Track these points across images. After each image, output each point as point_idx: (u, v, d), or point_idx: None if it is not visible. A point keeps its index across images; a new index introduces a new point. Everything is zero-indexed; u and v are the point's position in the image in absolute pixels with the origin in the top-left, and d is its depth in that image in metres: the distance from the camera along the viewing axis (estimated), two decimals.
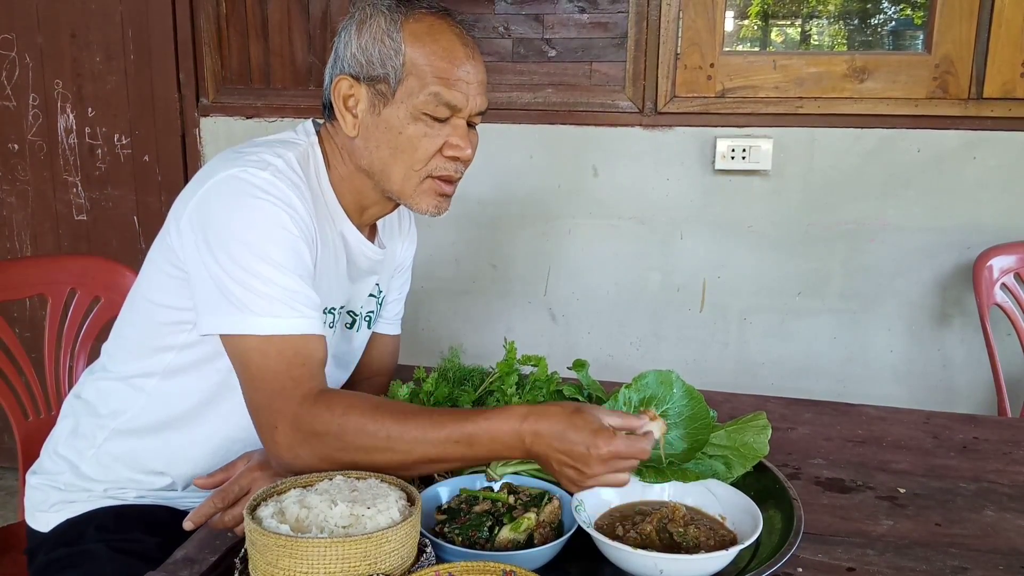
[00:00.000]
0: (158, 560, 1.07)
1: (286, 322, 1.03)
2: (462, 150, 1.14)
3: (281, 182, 1.08)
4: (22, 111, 2.59)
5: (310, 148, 1.18)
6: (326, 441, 1.00)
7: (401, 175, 1.15)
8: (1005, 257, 2.03)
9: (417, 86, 1.10)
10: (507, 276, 2.41)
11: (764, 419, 1.11)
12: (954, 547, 1.00)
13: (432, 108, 1.11)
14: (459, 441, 0.98)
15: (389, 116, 1.12)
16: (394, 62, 1.10)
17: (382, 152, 1.14)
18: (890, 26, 2.49)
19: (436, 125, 1.12)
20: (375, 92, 1.12)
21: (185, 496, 1.24)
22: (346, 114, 1.14)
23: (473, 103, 1.14)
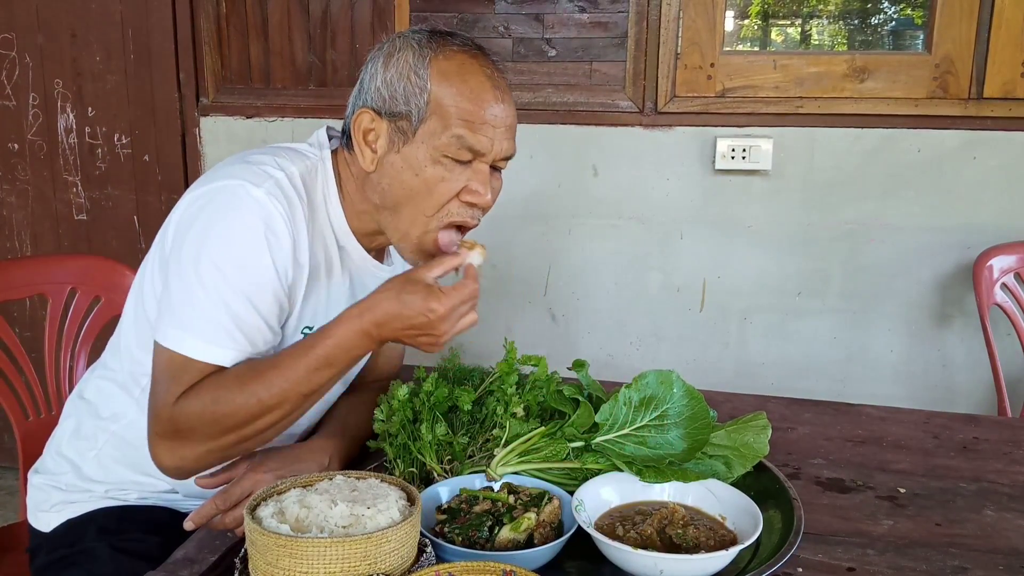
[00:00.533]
0: (159, 560, 1.07)
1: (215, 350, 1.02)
2: (481, 196, 1.10)
3: (273, 201, 1.05)
4: (22, 111, 2.59)
5: (320, 163, 1.16)
6: (202, 431, 1.01)
7: (410, 219, 1.11)
8: (1005, 257, 2.03)
9: (440, 127, 1.06)
10: (507, 276, 2.41)
11: (764, 419, 1.11)
12: (954, 547, 1.00)
13: (454, 151, 1.07)
14: (319, 367, 1.01)
15: (408, 155, 1.08)
16: (418, 100, 1.06)
17: (395, 191, 1.10)
18: (890, 26, 2.49)
19: (457, 168, 1.08)
20: (396, 129, 1.08)
21: (187, 499, 1.24)
22: (365, 148, 1.11)
23: (499, 148, 1.10)
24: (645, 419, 1.07)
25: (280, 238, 1.06)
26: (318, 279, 1.15)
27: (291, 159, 1.13)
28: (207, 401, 1.01)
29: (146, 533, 1.18)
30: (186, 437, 1.02)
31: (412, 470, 1.10)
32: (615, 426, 1.07)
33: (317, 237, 1.14)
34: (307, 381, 1.02)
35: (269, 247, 1.05)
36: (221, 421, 1.01)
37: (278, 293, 1.08)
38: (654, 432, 1.07)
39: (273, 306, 1.08)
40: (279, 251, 1.06)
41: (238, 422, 1.01)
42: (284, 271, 1.08)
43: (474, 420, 1.16)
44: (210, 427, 1.01)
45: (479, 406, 1.17)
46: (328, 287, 1.18)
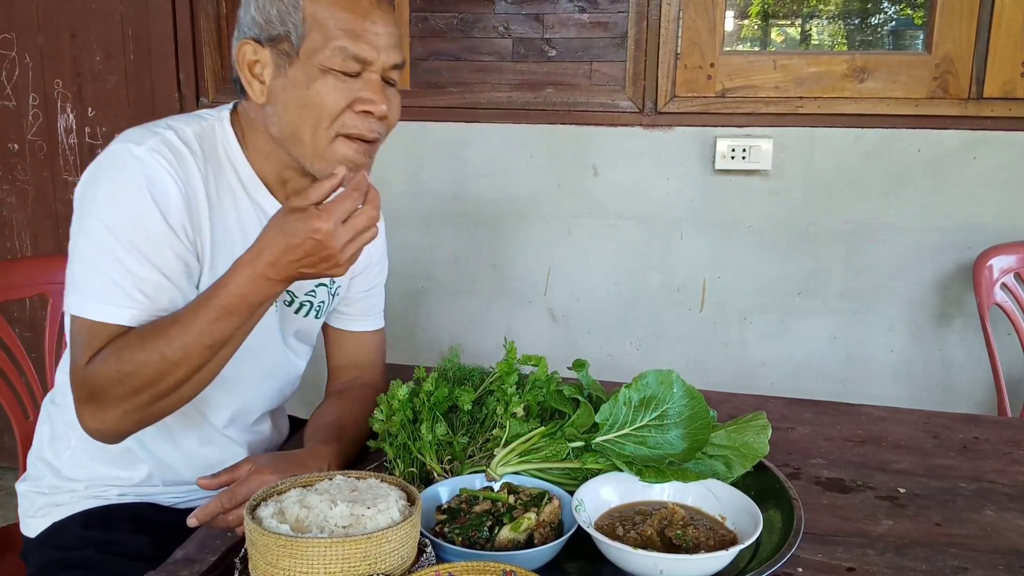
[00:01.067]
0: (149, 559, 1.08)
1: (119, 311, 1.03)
2: (375, 104, 1.08)
3: (156, 157, 1.05)
4: (22, 111, 2.60)
5: (217, 123, 1.16)
6: (114, 392, 1.02)
7: (310, 134, 1.09)
8: (1005, 257, 2.03)
9: (321, 41, 1.05)
10: (507, 276, 2.41)
11: (764, 419, 1.11)
12: (954, 547, 1.00)
13: (339, 63, 1.06)
14: (219, 317, 1.01)
15: (295, 75, 1.07)
16: (293, 18, 1.05)
17: (291, 114, 1.09)
18: (890, 26, 2.49)
19: (346, 80, 1.07)
20: (278, 53, 1.08)
21: (167, 491, 1.25)
22: (253, 81, 1.10)
23: (385, 56, 1.08)
24: (645, 419, 1.07)
25: (167, 192, 1.05)
26: (229, 234, 1.14)
27: (185, 121, 1.14)
28: (112, 362, 1.02)
29: (132, 532, 1.19)
30: (100, 399, 1.03)
31: (412, 470, 1.10)
32: (615, 426, 1.07)
33: (224, 194, 1.13)
34: (208, 332, 1.01)
35: (155, 201, 1.04)
36: (128, 380, 1.01)
37: (176, 247, 1.07)
38: (654, 432, 1.07)
39: (174, 261, 1.07)
40: (167, 204, 1.05)
41: (146, 380, 1.02)
42: (181, 226, 1.07)
43: (474, 420, 1.16)
44: (119, 387, 1.02)
45: (479, 406, 1.17)
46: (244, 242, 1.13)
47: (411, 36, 2.33)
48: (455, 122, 2.34)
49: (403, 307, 2.48)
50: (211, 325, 1.01)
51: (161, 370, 1.02)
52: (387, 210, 2.58)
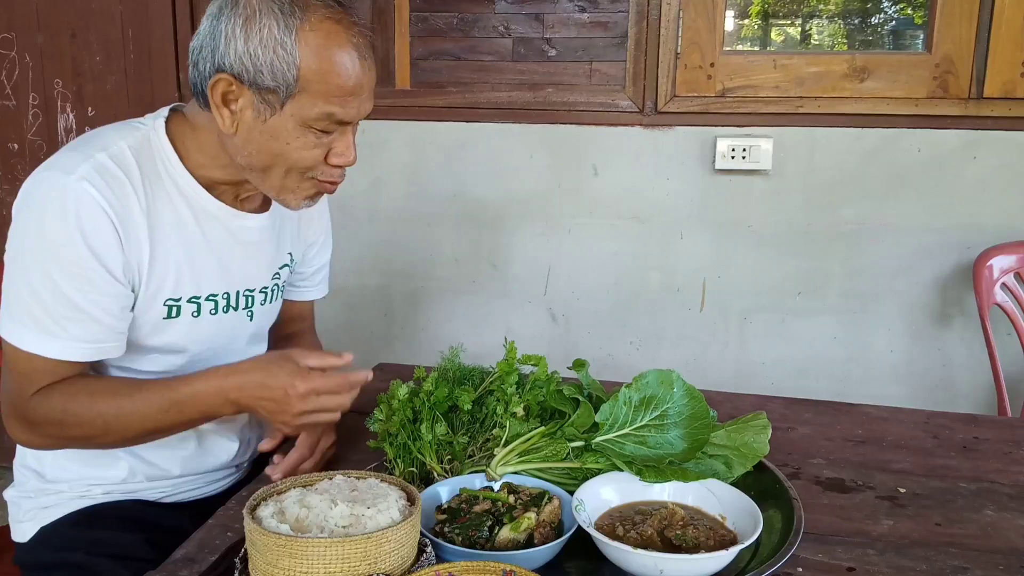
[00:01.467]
0: (139, 557, 1.08)
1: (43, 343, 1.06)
2: (347, 158, 1.11)
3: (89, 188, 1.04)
4: (22, 110, 2.60)
5: (152, 132, 1.13)
6: (48, 429, 1.09)
7: (280, 179, 1.11)
8: (1005, 257, 2.03)
9: (308, 103, 1.05)
10: (507, 276, 2.41)
11: (764, 419, 1.11)
12: (954, 547, 1.00)
13: (323, 125, 1.07)
14: (168, 409, 1.08)
15: (275, 126, 1.06)
16: (286, 76, 1.03)
17: (263, 157, 1.09)
18: (890, 26, 2.49)
19: (323, 136, 1.09)
20: (262, 100, 1.05)
21: (152, 487, 1.25)
22: (223, 110, 1.07)
23: (363, 111, 1.11)
24: (645, 419, 1.07)
25: (99, 227, 1.04)
26: (170, 250, 1.13)
27: (121, 134, 1.12)
28: (57, 409, 1.07)
29: (121, 531, 1.19)
30: (34, 429, 1.10)
31: (412, 470, 1.10)
32: (615, 426, 1.07)
33: (163, 208, 1.12)
34: (153, 419, 1.08)
35: (85, 239, 1.04)
36: (65, 428, 1.09)
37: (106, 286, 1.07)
38: (654, 432, 1.07)
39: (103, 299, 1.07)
40: (98, 240, 1.05)
41: (82, 433, 1.09)
42: (113, 260, 1.06)
43: (474, 420, 1.16)
44: (57, 429, 1.09)
45: (479, 406, 1.17)
46: (188, 254, 1.15)
47: (411, 36, 2.33)
48: (455, 122, 2.34)
49: (403, 307, 2.48)
50: (158, 413, 1.08)
51: (98, 432, 1.09)
52: (387, 210, 2.58)
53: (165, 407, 1.07)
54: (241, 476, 1.37)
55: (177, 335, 1.17)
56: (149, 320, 1.14)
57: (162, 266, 1.13)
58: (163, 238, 1.12)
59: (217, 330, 1.21)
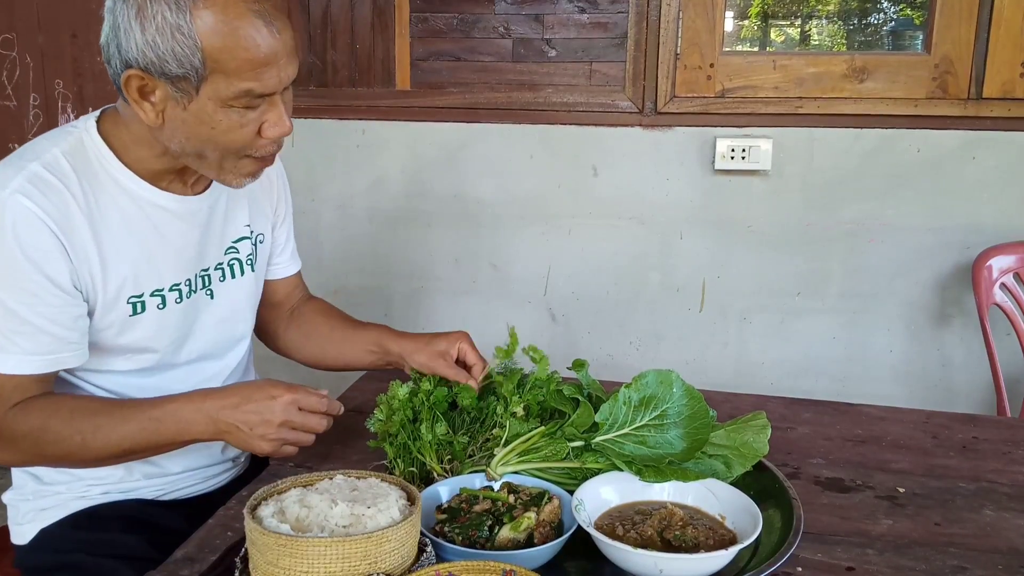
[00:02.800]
0: (139, 557, 1.08)
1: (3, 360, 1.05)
2: (282, 127, 1.07)
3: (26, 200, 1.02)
4: (23, 111, 2.60)
5: (85, 134, 1.11)
6: (24, 446, 1.07)
7: (217, 162, 1.08)
8: (1004, 257, 2.03)
9: (223, 83, 1.01)
10: (507, 276, 2.41)
11: (764, 419, 1.11)
12: (953, 547, 1.00)
13: (244, 102, 1.03)
14: (146, 427, 1.07)
15: (197, 111, 1.03)
16: (192, 61, 0.99)
17: (194, 142, 1.06)
18: (890, 26, 2.49)
19: (250, 111, 1.04)
20: (176, 88, 1.01)
21: (150, 484, 1.25)
22: (144, 104, 1.04)
23: (284, 77, 1.04)
24: (645, 419, 1.07)
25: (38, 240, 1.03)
26: (122, 248, 1.12)
27: (53, 141, 1.10)
28: (35, 426, 1.06)
29: (120, 531, 1.19)
30: (9, 444, 1.08)
31: (412, 470, 1.10)
32: (615, 426, 1.07)
33: (107, 208, 1.10)
34: (131, 437, 1.07)
35: (26, 254, 1.02)
36: (43, 447, 1.07)
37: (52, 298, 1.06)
38: (654, 432, 1.07)
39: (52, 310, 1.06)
40: (39, 254, 1.03)
41: (59, 451, 1.08)
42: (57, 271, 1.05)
43: (474, 419, 1.16)
44: (33, 445, 1.07)
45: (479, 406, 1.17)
46: (143, 248, 1.14)
47: (411, 36, 2.33)
48: (455, 122, 2.34)
49: (403, 307, 2.49)
50: (135, 432, 1.07)
51: (75, 448, 1.07)
52: (387, 210, 2.58)
53: (143, 424, 1.07)
54: (239, 472, 1.37)
55: (145, 329, 1.17)
56: (115, 321, 1.13)
57: (117, 266, 1.11)
58: (112, 239, 1.10)
59: (183, 317, 1.21)
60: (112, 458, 1.11)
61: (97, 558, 1.15)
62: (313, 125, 2.39)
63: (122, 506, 1.23)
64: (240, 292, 1.30)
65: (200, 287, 1.23)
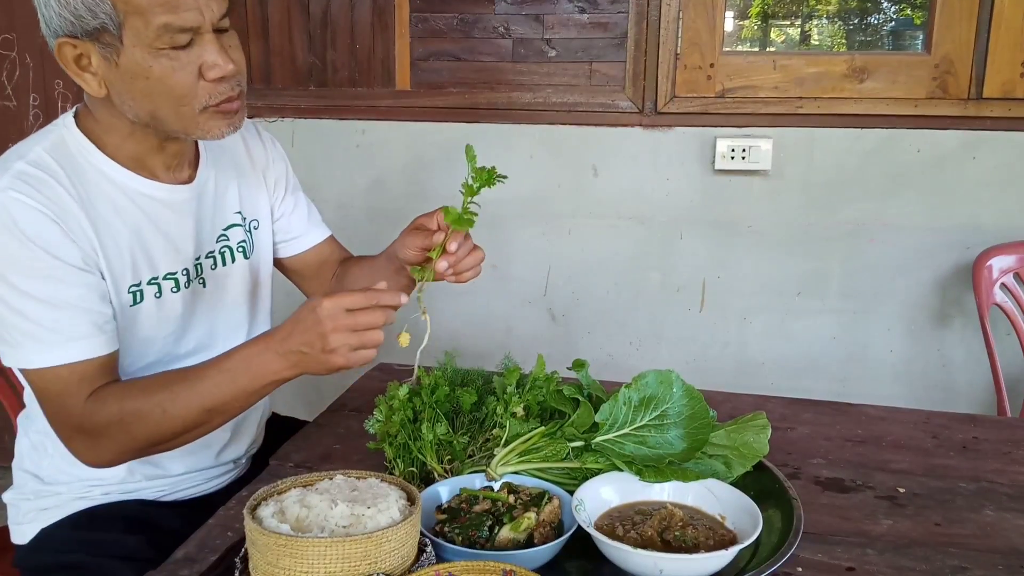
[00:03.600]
0: (139, 558, 1.08)
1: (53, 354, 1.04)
2: (221, 67, 1.04)
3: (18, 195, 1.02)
4: (23, 111, 2.60)
5: (64, 130, 1.11)
6: (112, 434, 1.05)
7: (174, 115, 1.06)
8: (1005, 257, 2.03)
9: (141, 24, 0.99)
10: (507, 276, 2.41)
11: (764, 419, 1.11)
12: (953, 547, 1.00)
13: (168, 40, 1.00)
14: (221, 382, 1.04)
15: (128, 65, 1.01)
16: (103, 7, 0.98)
17: (141, 102, 1.05)
18: (890, 26, 2.49)
19: (182, 53, 1.02)
20: (101, 45, 1.01)
21: (151, 485, 1.25)
22: (84, 75, 1.04)
23: (209, 12, 1.02)
24: (645, 419, 1.07)
25: (39, 228, 1.02)
26: (118, 239, 1.12)
27: (34, 140, 1.10)
28: (114, 410, 1.05)
29: (121, 532, 1.19)
30: (100, 436, 1.06)
31: (412, 470, 1.10)
32: (615, 426, 1.07)
33: (97, 199, 1.10)
34: (209, 394, 1.05)
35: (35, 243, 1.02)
36: (131, 429, 1.06)
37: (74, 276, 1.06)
38: (654, 432, 1.07)
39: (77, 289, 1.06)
40: (44, 239, 1.03)
41: (145, 430, 1.06)
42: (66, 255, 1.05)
43: (474, 420, 1.16)
44: (121, 433, 1.06)
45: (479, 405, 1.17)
46: (138, 238, 1.14)
47: (411, 36, 2.33)
48: (455, 122, 2.34)
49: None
50: (212, 388, 1.05)
51: (161, 423, 1.05)
52: (387, 210, 2.58)
53: (217, 379, 1.04)
54: (240, 473, 1.37)
55: (147, 319, 1.17)
56: (121, 309, 1.13)
57: (115, 255, 1.11)
58: (107, 228, 1.10)
59: (180, 306, 1.21)
60: (197, 425, 1.07)
61: (97, 558, 1.15)
62: (313, 125, 2.39)
63: (123, 506, 1.23)
64: (231, 279, 1.29)
65: (194, 276, 1.23)
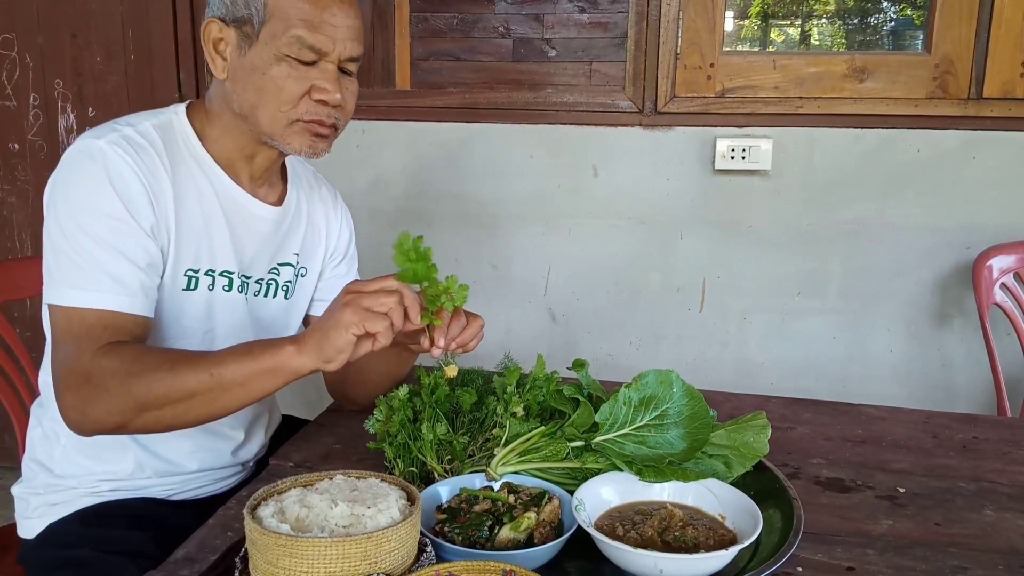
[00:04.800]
0: (146, 555, 1.08)
1: (90, 295, 1.06)
2: (329, 94, 1.13)
3: (115, 149, 1.09)
4: (22, 111, 2.60)
5: (174, 116, 1.20)
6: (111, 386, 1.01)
7: (269, 117, 1.15)
8: (1005, 257, 2.03)
9: (280, 28, 1.10)
10: (507, 276, 2.41)
11: (764, 419, 1.11)
12: (954, 547, 1.00)
13: (296, 51, 1.11)
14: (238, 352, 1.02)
15: (254, 57, 1.12)
16: (256, 3, 1.10)
17: (249, 94, 1.14)
18: (890, 26, 2.49)
19: (302, 68, 1.12)
20: (241, 35, 1.12)
21: (160, 483, 1.25)
22: (216, 57, 1.15)
23: (342, 48, 1.13)
24: (645, 419, 1.07)
25: (127, 183, 1.09)
26: (193, 223, 1.18)
27: (142, 116, 1.18)
28: (123, 359, 1.03)
29: (128, 529, 1.19)
30: (97, 388, 1.02)
31: (412, 470, 1.10)
32: (615, 426, 1.07)
33: (187, 183, 1.17)
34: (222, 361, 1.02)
35: (117, 193, 1.08)
36: (132, 383, 1.01)
37: (137, 236, 1.10)
38: (654, 432, 1.07)
39: (137, 249, 1.10)
40: (129, 195, 1.09)
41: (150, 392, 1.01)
42: (143, 216, 1.10)
43: (474, 420, 1.16)
44: (120, 386, 1.01)
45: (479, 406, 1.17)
46: (208, 229, 1.20)
47: (411, 36, 2.33)
48: (455, 122, 2.34)
49: None
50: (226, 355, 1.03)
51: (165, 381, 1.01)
52: (387, 210, 2.58)
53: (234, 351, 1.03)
54: (247, 475, 1.37)
55: (193, 308, 1.20)
56: (171, 292, 1.17)
57: (187, 236, 1.17)
58: (187, 208, 1.16)
59: (223, 307, 1.23)
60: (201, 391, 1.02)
61: (103, 554, 1.15)
62: None
63: (131, 504, 1.23)
64: (267, 312, 1.32)
65: (236, 288, 1.25)
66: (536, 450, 1.08)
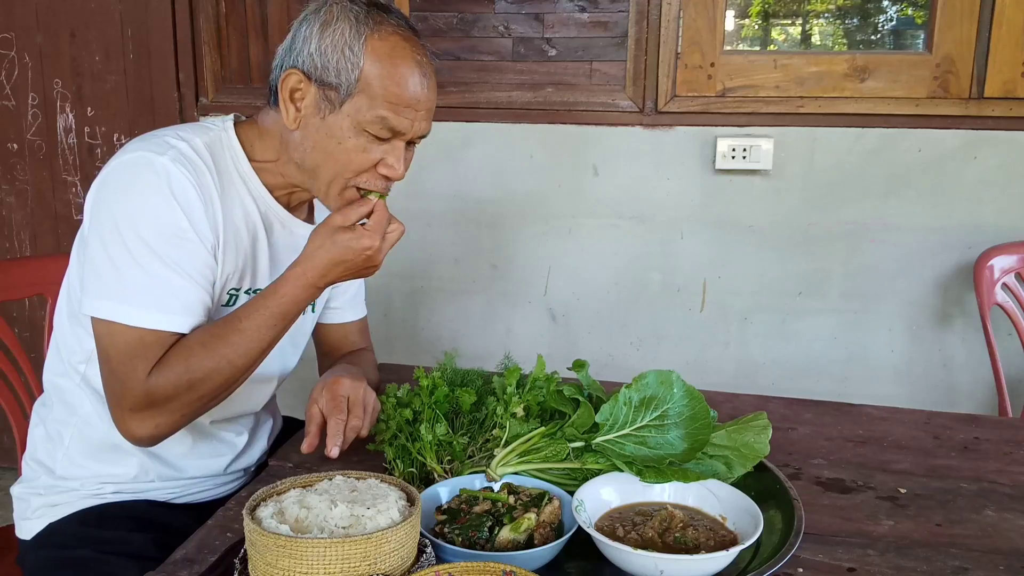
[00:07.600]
0: (146, 557, 1.07)
1: (156, 316, 1.06)
2: (395, 171, 1.16)
3: (178, 167, 1.09)
4: (21, 111, 2.59)
5: (223, 133, 1.20)
6: (180, 399, 1.08)
7: (328, 179, 1.16)
8: (1006, 257, 2.03)
9: (366, 105, 1.11)
10: (507, 276, 2.41)
11: (764, 419, 1.11)
12: (955, 547, 1.00)
13: (376, 129, 1.12)
14: (275, 323, 1.10)
15: (332, 123, 1.12)
16: (349, 76, 1.10)
17: (317, 154, 1.15)
18: (891, 25, 2.49)
19: (375, 142, 1.14)
20: (323, 96, 1.12)
21: (163, 486, 1.25)
22: (290, 106, 1.14)
23: (417, 128, 1.16)
24: (645, 419, 1.07)
25: (190, 201, 1.10)
26: (239, 242, 1.19)
27: (193, 131, 1.18)
28: (180, 371, 1.06)
29: (129, 531, 1.19)
30: (162, 406, 1.07)
31: (412, 470, 1.10)
32: (615, 426, 1.07)
33: (233, 201, 1.18)
34: (266, 337, 1.10)
35: (183, 210, 1.09)
36: (197, 387, 1.08)
37: (201, 254, 1.11)
38: (654, 432, 1.06)
39: (202, 267, 1.12)
40: (192, 212, 1.10)
41: (213, 386, 1.09)
42: (202, 233, 1.11)
43: (474, 420, 1.16)
44: (188, 394, 1.07)
45: (479, 406, 1.17)
46: (252, 248, 1.21)
47: None
48: (455, 122, 2.34)
49: (403, 307, 2.48)
50: (268, 331, 1.10)
51: (228, 376, 1.09)
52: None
53: (272, 323, 1.10)
54: (248, 480, 1.37)
55: None
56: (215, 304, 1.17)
57: (232, 255, 1.17)
58: (233, 228, 1.17)
59: None
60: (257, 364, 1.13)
61: (103, 555, 1.15)
62: None
63: (131, 506, 1.23)
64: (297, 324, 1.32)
65: None
66: (536, 451, 1.08)
